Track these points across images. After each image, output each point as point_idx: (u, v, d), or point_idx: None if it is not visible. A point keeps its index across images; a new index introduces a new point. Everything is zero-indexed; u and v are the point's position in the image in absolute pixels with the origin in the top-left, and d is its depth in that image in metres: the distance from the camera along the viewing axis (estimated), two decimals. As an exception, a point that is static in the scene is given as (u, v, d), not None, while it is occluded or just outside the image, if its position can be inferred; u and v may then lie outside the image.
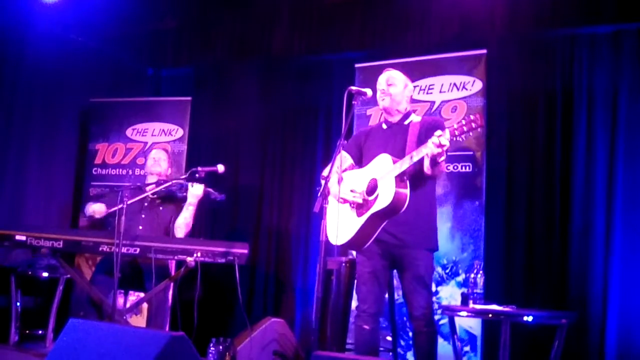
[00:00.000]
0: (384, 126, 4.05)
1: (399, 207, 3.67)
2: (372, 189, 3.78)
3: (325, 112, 6.70)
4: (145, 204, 4.98)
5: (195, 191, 4.82)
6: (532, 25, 5.60)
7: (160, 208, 5.00)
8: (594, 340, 5.09)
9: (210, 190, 4.89)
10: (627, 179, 5.18)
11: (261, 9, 6.60)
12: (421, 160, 3.61)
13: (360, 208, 3.81)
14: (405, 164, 3.64)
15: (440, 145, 3.47)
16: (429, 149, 3.51)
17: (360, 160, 4.06)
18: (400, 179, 3.67)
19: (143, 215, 4.94)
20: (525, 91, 5.71)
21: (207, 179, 4.81)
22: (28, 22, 6.19)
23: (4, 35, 6.07)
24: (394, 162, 3.70)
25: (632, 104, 5.26)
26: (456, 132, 3.51)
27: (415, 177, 3.73)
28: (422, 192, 3.81)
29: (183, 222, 4.88)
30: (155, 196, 5.01)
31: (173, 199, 5.00)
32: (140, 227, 4.84)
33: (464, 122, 3.51)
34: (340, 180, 3.85)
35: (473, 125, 3.49)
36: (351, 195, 3.83)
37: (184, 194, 4.89)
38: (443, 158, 3.61)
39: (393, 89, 3.96)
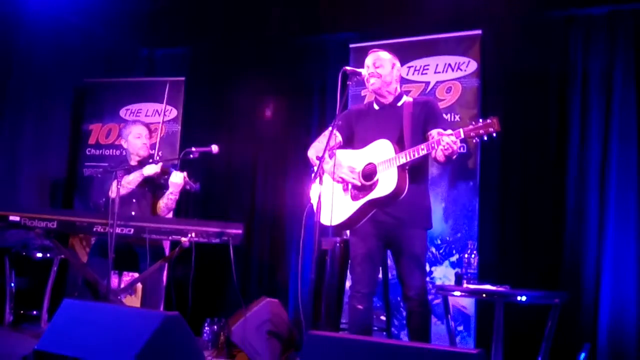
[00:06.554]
0: (376, 107, 4.00)
1: (399, 195, 3.69)
2: (369, 173, 3.77)
3: (319, 93, 6.68)
4: (135, 189, 4.82)
5: (176, 180, 4.70)
6: (527, 6, 5.57)
7: (146, 188, 4.88)
8: (587, 320, 5.13)
9: (186, 179, 4.74)
10: (621, 161, 5.19)
11: (256, -12, 6.56)
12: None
13: (356, 191, 3.81)
14: (411, 155, 3.62)
15: (450, 148, 3.47)
16: (441, 146, 3.50)
17: (350, 140, 4.03)
18: (402, 168, 3.67)
19: (134, 200, 4.82)
20: (520, 72, 5.69)
21: (200, 159, 4.77)
22: (22, 3, 6.14)
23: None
24: (397, 151, 3.69)
25: (627, 85, 5.25)
26: (471, 134, 3.47)
27: (413, 162, 3.72)
28: (417, 173, 3.80)
29: (164, 206, 4.83)
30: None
31: (152, 181, 4.86)
32: (133, 213, 4.72)
33: (480, 123, 3.47)
34: (332, 156, 3.83)
35: (490, 129, 3.43)
36: (350, 175, 3.82)
37: (163, 179, 4.78)
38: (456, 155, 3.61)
39: (381, 70, 3.89)
